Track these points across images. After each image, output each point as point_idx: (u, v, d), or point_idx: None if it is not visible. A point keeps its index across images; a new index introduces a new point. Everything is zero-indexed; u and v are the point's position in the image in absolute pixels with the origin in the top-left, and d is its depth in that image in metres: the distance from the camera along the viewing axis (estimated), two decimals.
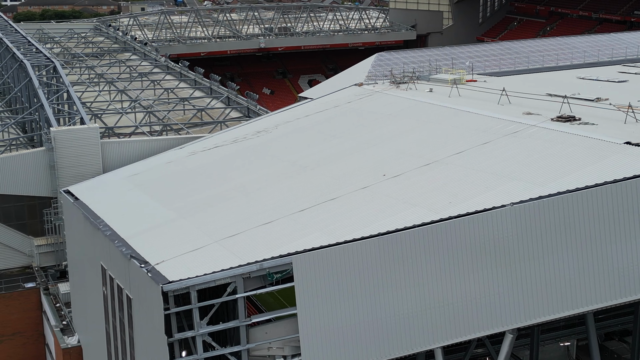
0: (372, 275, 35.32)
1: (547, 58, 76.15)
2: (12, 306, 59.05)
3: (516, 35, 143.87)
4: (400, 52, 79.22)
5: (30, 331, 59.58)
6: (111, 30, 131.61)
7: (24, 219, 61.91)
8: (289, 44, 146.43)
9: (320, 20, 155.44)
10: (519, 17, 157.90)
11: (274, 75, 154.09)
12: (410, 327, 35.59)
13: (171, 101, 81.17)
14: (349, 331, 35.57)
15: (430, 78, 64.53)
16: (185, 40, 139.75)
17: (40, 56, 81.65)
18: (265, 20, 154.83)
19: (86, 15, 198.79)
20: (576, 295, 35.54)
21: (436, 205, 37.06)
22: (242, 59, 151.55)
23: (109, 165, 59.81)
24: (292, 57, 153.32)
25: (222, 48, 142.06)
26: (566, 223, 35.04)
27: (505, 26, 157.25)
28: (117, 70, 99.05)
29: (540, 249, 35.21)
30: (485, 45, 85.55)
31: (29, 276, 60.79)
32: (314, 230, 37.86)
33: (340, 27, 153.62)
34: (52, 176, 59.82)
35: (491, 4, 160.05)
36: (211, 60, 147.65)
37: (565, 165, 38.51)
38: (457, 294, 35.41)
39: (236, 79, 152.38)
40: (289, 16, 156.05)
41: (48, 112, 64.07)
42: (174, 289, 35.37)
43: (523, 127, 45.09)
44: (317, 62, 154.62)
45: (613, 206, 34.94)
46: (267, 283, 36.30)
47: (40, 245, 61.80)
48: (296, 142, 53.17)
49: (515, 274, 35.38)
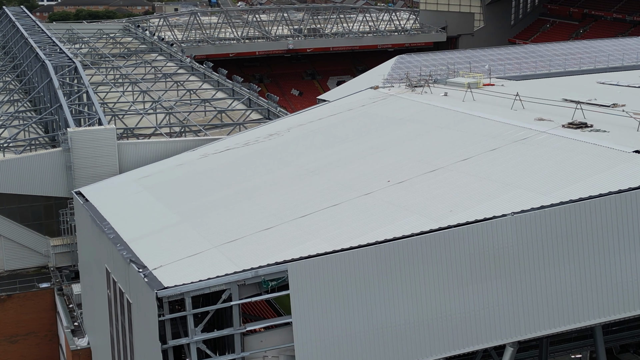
0: (368, 284, 34.61)
1: (569, 62, 74.76)
2: (27, 306, 59.22)
3: (548, 38, 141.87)
4: (422, 55, 78.27)
5: (44, 331, 59.73)
6: (139, 30, 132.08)
7: (40, 219, 62.16)
8: (317, 45, 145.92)
9: (350, 22, 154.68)
10: (552, 19, 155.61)
11: (303, 76, 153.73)
12: (406, 338, 34.81)
13: (193, 102, 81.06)
14: (345, 341, 34.89)
15: (448, 81, 63.58)
16: (214, 41, 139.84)
17: (63, 56, 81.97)
18: (295, 22, 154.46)
19: (119, 15, 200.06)
20: (578, 308, 34.53)
21: (437, 214, 36.24)
22: (271, 60, 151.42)
23: (126, 166, 59.71)
24: (321, 59, 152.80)
25: (250, 49, 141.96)
26: (568, 234, 34.06)
27: (537, 28, 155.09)
28: (142, 70, 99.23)
29: (542, 260, 34.25)
30: (509, 48, 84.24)
31: (44, 276, 61.01)
32: (313, 236, 37.24)
33: (370, 29, 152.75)
34: (69, 177, 59.88)
35: (524, 5, 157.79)
36: (240, 61, 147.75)
37: (571, 174, 37.47)
38: (455, 305, 34.57)
39: (265, 80, 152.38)
40: (318, 17, 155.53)
41: (66, 112, 64.22)
42: (168, 294, 34.98)
43: (533, 133, 44.05)
44: (347, 64, 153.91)
45: (617, 217, 33.90)
46: (263, 291, 35.78)
47: (56, 245, 62.00)
48: (306, 145, 52.62)
49: (515, 286, 34.46)
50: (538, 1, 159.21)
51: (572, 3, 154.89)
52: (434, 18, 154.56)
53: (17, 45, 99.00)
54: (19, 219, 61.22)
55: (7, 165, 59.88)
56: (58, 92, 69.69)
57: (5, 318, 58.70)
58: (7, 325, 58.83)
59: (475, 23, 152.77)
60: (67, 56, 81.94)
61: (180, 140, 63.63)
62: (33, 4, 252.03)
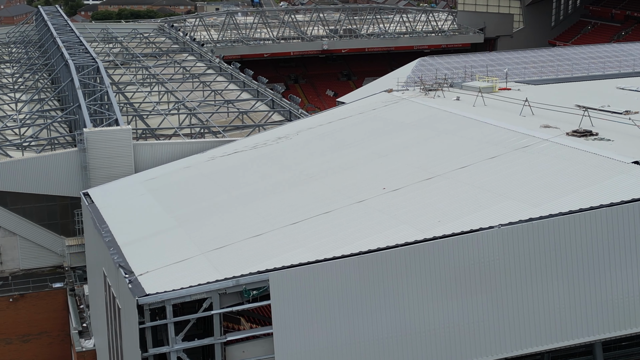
0: (351, 295, 33.67)
1: (594, 66, 72.67)
2: (39, 306, 59.45)
3: (589, 40, 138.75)
4: (444, 57, 76.87)
5: (57, 331, 59.85)
6: (173, 30, 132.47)
7: (56, 218, 62.31)
8: (352, 46, 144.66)
9: (386, 22, 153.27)
10: (593, 21, 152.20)
11: (339, 77, 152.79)
12: (389, 351, 33.78)
13: (216, 103, 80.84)
14: (327, 353, 33.98)
15: (463, 85, 62.18)
16: (248, 42, 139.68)
17: (87, 56, 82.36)
18: (332, 22, 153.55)
19: (160, 15, 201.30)
20: (567, 325, 33.15)
21: (425, 224, 35.13)
22: (307, 60, 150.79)
23: (142, 167, 59.43)
24: (357, 59, 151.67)
25: (285, 49, 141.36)
26: (556, 248, 32.70)
27: (578, 30, 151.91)
28: (171, 71, 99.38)
29: (529, 275, 32.95)
30: (535, 51, 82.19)
31: (58, 276, 61.16)
32: (299, 245, 36.42)
33: (407, 29, 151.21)
34: (85, 177, 59.92)
35: (565, 7, 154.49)
36: (276, 61, 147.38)
37: (566, 185, 36.05)
38: (440, 319, 33.44)
39: (300, 80, 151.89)
40: (355, 18, 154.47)
41: (84, 112, 64.35)
42: (149, 302, 34.45)
43: (535, 141, 42.61)
44: (383, 65, 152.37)
45: (607, 231, 32.42)
46: (245, 300, 35.08)
47: (71, 245, 62.05)
48: (310, 150, 51.85)
49: (502, 301, 33.20)
50: (580, 2, 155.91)
51: (615, 4, 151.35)
52: (472, 19, 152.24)
53: (46, 44, 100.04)
54: (35, 219, 61.45)
55: (24, 164, 60.20)
56: (78, 91, 69.99)
57: (18, 317, 58.99)
58: (19, 324, 59.14)
59: (514, 24, 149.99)
60: (91, 56, 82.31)
61: (196, 142, 63.25)
62: (78, 2, 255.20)
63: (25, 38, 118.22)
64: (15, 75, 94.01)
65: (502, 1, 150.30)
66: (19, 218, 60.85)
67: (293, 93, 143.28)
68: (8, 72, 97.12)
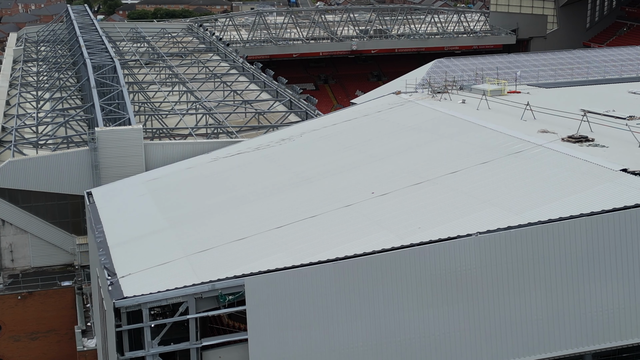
0: (326, 302, 33.07)
1: (610, 69, 70.99)
2: (48, 304, 59.74)
3: (625, 42, 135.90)
4: (461, 59, 75.79)
5: (65, 329, 60.05)
6: (201, 30, 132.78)
7: (67, 217, 62.55)
8: (382, 47, 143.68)
9: (418, 23, 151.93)
10: (629, 23, 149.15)
11: (369, 77, 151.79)
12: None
13: (234, 103, 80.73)
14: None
15: (472, 88, 61.14)
16: (277, 42, 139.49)
17: (105, 56, 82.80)
18: (362, 22, 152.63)
19: (195, 14, 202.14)
20: (545, 337, 32.14)
21: (405, 230, 34.37)
22: (337, 60, 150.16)
23: (153, 167, 59.41)
24: (387, 60, 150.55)
25: (313, 50, 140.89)
26: (535, 257, 31.73)
27: (614, 32, 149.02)
28: (195, 70, 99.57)
29: (506, 285, 32.02)
30: (555, 53, 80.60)
31: (68, 274, 61.39)
32: (280, 249, 35.91)
33: (438, 30, 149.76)
34: (96, 176, 60.07)
35: (600, 8, 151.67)
36: (306, 61, 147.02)
37: (552, 192, 34.99)
38: (415, 328, 32.67)
39: (330, 80, 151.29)
40: (385, 18, 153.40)
41: (97, 111, 64.66)
42: (126, 305, 34.24)
43: (529, 146, 41.56)
44: (414, 65, 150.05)
45: (587, 242, 31.36)
46: (222, 305, 34.69)
47: (82, 244, 62.19)
48: (310, 152, 51.29)
49: (478, 311, 32.31)
50: (616, 3, 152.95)
51: None
52: (504, 20, 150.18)
53: (70, 42, 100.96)
54: (46, 217, 61.75)
55: (35, 163, 60.53)
56: (93, 90, 70.35)
57: (26, 315, 59.36)
58: (28, 322, 59.49)
59: (548, 25, 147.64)
60: (109, 55, 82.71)
61: (207, 142, 63.15)
62: (117, 2, 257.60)
63: (53, 37, 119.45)
64: (41, 73, 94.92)
65: (535, 2, 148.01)
66: (30, 216, 61.18)
67: (322, 93, 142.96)
68: (34, 71, 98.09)
